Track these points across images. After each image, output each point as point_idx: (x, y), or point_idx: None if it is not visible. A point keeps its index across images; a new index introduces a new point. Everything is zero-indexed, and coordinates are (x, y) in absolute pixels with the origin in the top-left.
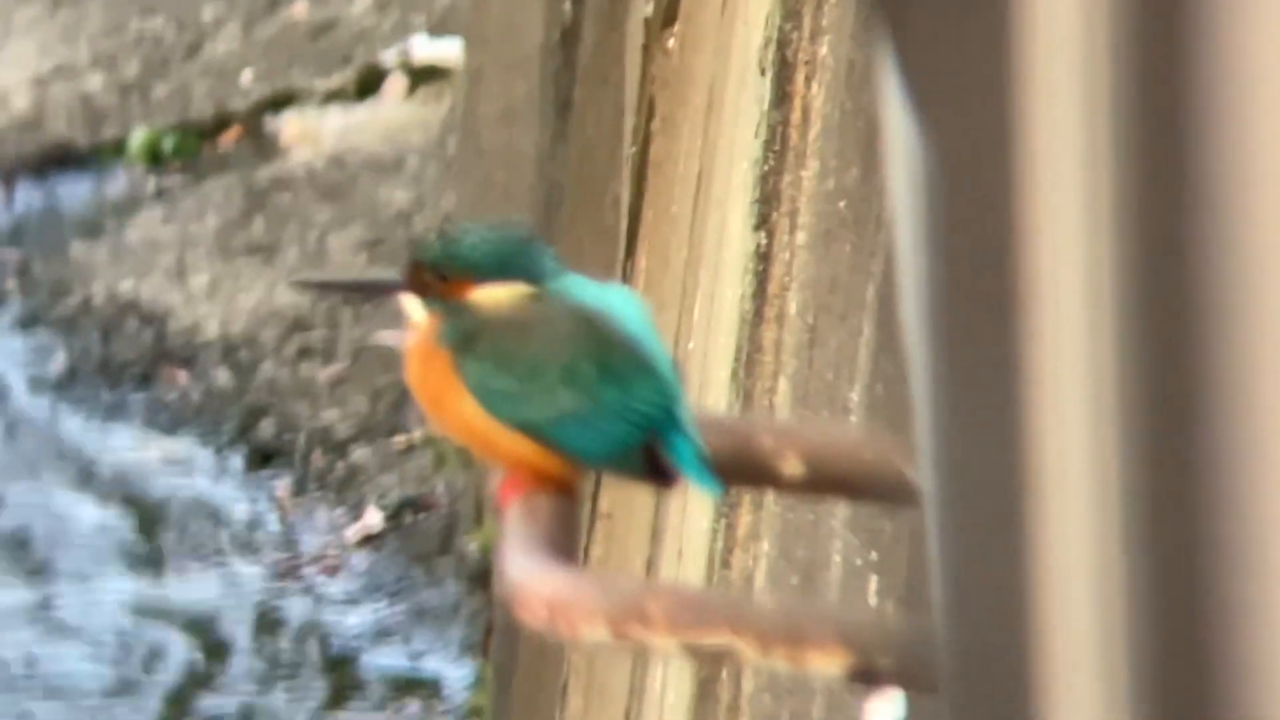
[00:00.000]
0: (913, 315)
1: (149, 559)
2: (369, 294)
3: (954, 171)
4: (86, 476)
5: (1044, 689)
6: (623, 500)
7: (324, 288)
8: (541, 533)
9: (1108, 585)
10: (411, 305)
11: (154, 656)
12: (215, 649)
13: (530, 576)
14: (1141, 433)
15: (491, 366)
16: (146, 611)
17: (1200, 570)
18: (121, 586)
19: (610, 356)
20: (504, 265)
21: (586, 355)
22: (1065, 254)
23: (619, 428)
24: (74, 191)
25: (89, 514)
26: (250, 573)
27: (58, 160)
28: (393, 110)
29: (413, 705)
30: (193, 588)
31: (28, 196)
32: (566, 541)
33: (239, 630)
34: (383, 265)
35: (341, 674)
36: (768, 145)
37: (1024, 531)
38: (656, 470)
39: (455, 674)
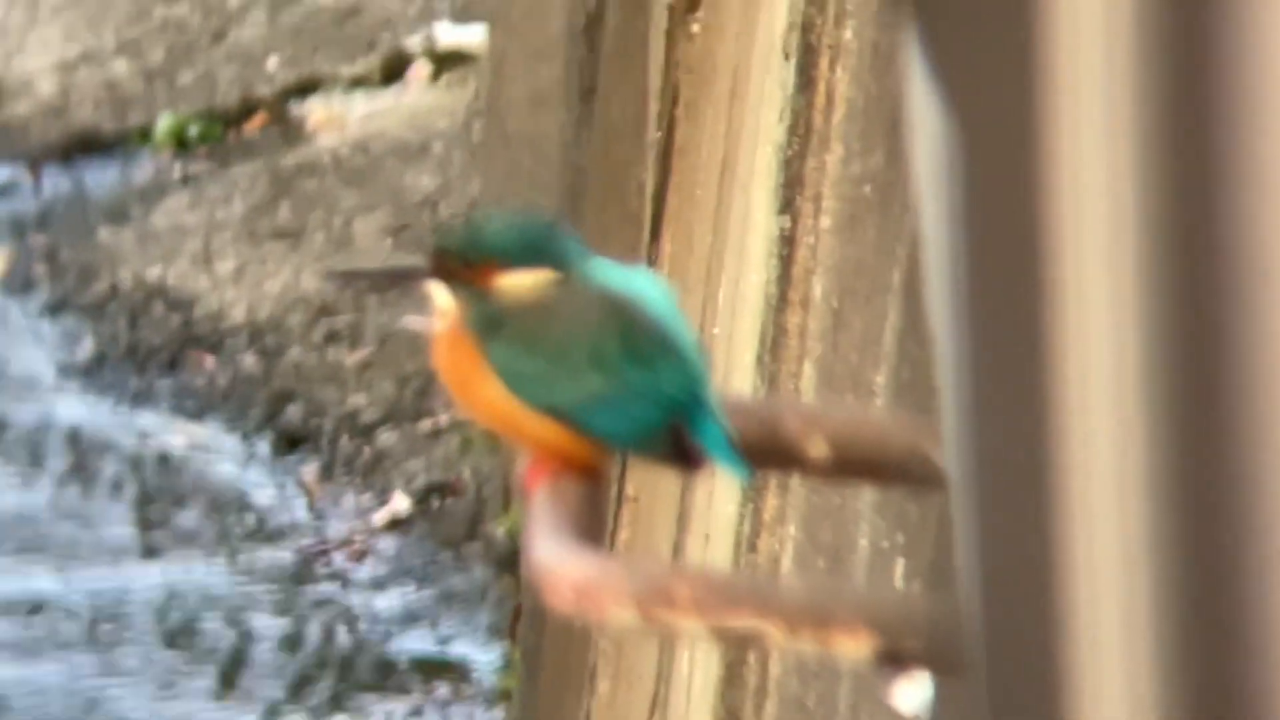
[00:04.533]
0: (938, 298)
1: (175, 543)
2: (395, 282)
3: (979, 154)
4: (113, 461)
5: (1072, 670)
6: (649, 483)
7: (350, 277)
8: (568, 516)
9: (1134, 566)
10: (437, 292)
11: (190, 640)
12: (244, 634)
13: (557, 560)
14: (1168, 415)
15: (518, 350)
16: (176, 597)
17: (1227, 551)
18: (149, 572)
19: (636, 339)
20: (529, 251)
21: (612, 338)
22: (1091, 236)
23: (645, 410)
24: (100, 178)
25: (114, 500)
26: (278, 558)
27: (84, 146)
28: (417, 96)
29: (441, 689)
30: (218, 572)
31: (55, 183)
32: (593, 525)
33: (266, 615)
34: (408, 251)
35: (369, 658)
36: (792, 130)
37: (1051, 514)
38: (683, 453)
39: (483, 658)
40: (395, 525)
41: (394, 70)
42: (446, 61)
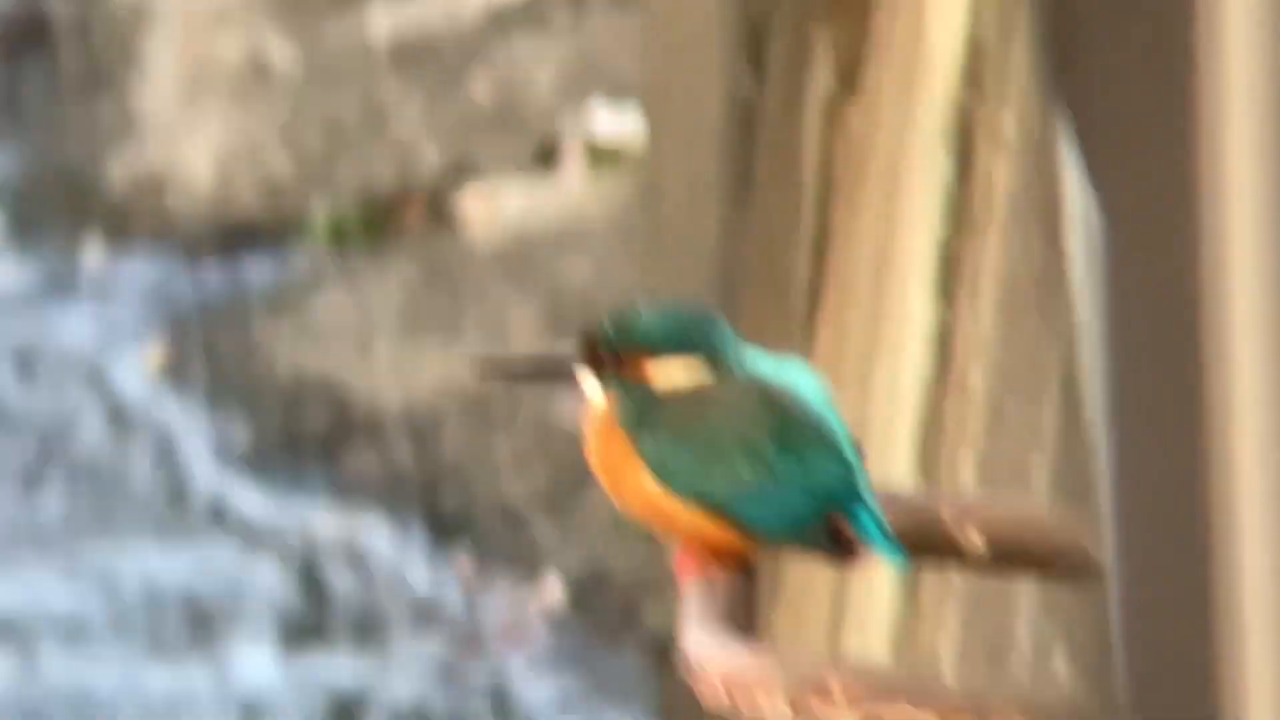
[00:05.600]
0: (1096, 391)
1: (335, 631)
2: (547, 373)
3: (1130, 247)
4: (269, 547)
5: None
6: (804, 578)
7: (501, 369)
8: (721, 608)
9: None
10: (589, 383)
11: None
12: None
13: (709, 652)
14: None
15: (669, 441)
16: (334, 685)
17: None
18: (313, 660)
19: (788, 430)
20: (680, 341)
21: (764, 429)
22: (1248, 333)
23: (798, 501)
24: (259, 269)
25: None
26: (434, 645)
27: (242, 238)
28: (573, 184)
29: None
30: (378, 662)
31: (215, 274)
32: (745, 616)
33: (431, 701)
34: (561, 343)
35: None
36: (950, 218)
37: (1213, 609)
38: (838, 544)
39: None
40: (550, 613)
41: (549, 158)
42: (602, 150)
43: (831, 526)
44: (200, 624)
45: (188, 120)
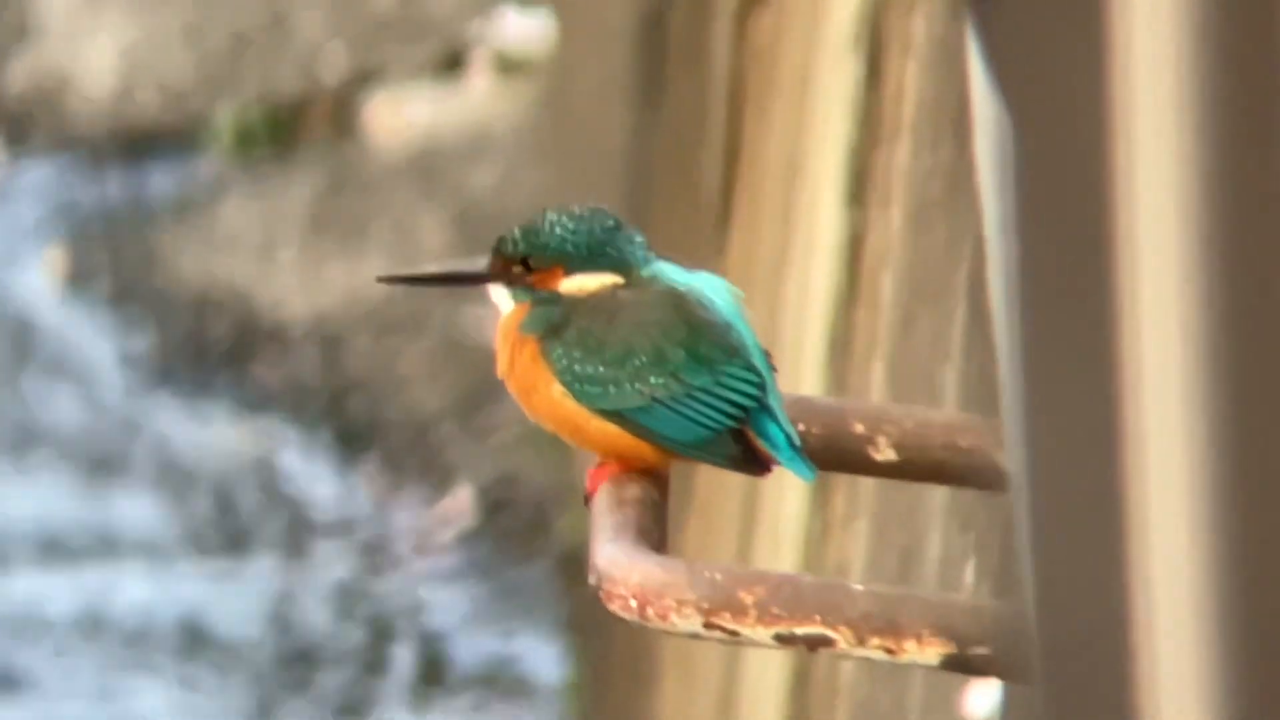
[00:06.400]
0: (1000, 298)
1: (236, 540)
2: (456, 285)
3: (1040, 151)
4: (174, 456)
5: (1132, 674)
6: (714, 486)
7: (411, 281)
8: (631, 520)
9: (1197, 569)
10: (499, 295)
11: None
12: (305, 628)
13: (619, 565)
14: (1232, 412)
15: (579, 354)
16: (236, 592)
17: None
18: (207, 562)
19: (699, 342)
20: (592, 254)
21: (675, 341)
22: (1152, 233)
23: (709, 414)
24: (162, 176)
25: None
26: (341, 551)
27: (146, 144)
28: (481, 91)
29: (505, 682)
30: (283, 568)
31: (117, 181)
32: (656, 529)
33: (330, 610)
34: (470, 245)
35: (433, 652)
36: (860, 124)
37: (1118, 517)
38: (748, 456)
39: (547, 652)
40: (458, 520)
41: (456, 64)
42: (510, 55)
43: (741, 438)
44: (104, 540)
45: (88, 22)
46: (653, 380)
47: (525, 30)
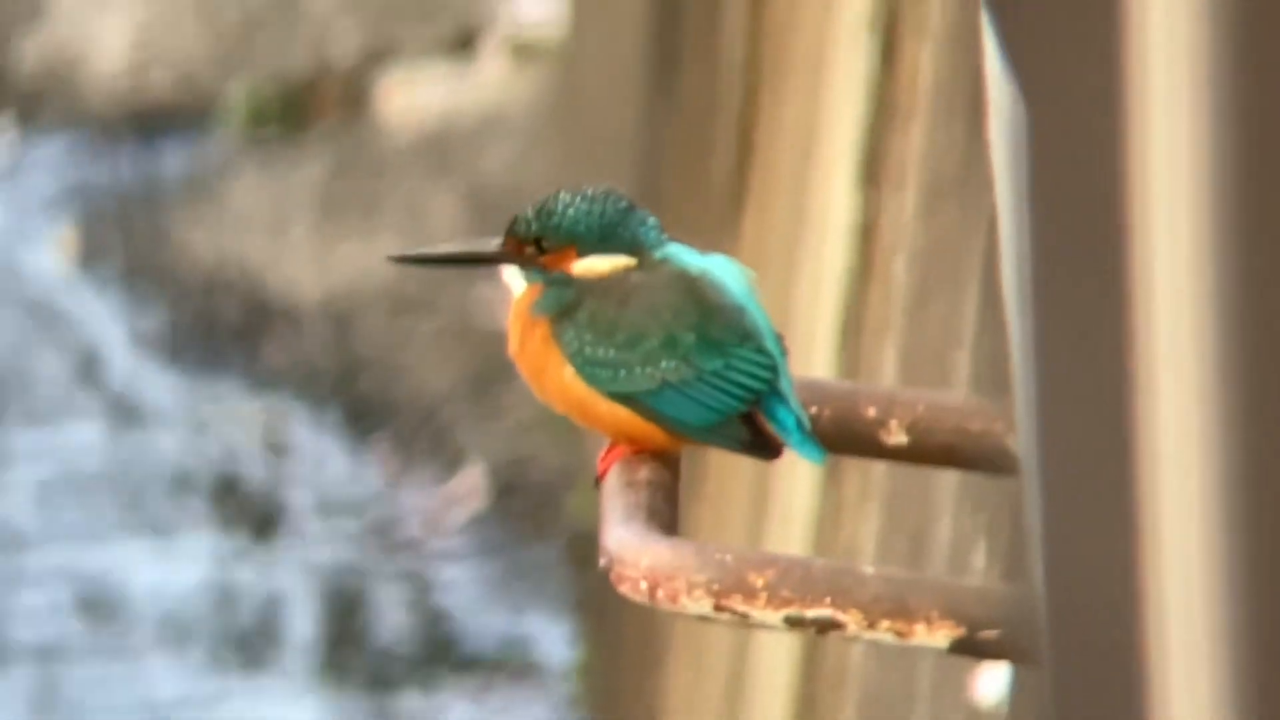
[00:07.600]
0: (1013, 281)
1: (246, 515)
2: (469, 265)
3: (1054, 134)
4: (184, 432)
5: (1151, 661)
6: (725, 468)
7: (423, 261)
8: (642, 502)
9: (1209, 557)
10: (512, 276)
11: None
12: (318, 604)
13: (630, 547)
14: (1246, 402)
15: (590, 336)
16: (251, 568)
17: None
18: (221, 542)
19: (711, 326)
20: (604, 235)
21: (687, 325)
22: (1169, 217)
23: (719, 397)
24: (173, 154)
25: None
26: (351, 529)
27: (158, 122)
28: (493, 72)
29: (515, 662)
30: (295, 544)
31: (128, 159)
32: (667, 511)
33: (338, 586)
34: (481, 227)
35: (442, 632)
36: (873, 107)
37: (1129, 501)
38: (758, 440)
39: (557, 633)
40: (469, 499)
41: (468, 42)
42: (524, 36)
43: (751, 422)
44: (133, 506)
45: (100, 1)
46: (664, 364)
47: (538, 11)
